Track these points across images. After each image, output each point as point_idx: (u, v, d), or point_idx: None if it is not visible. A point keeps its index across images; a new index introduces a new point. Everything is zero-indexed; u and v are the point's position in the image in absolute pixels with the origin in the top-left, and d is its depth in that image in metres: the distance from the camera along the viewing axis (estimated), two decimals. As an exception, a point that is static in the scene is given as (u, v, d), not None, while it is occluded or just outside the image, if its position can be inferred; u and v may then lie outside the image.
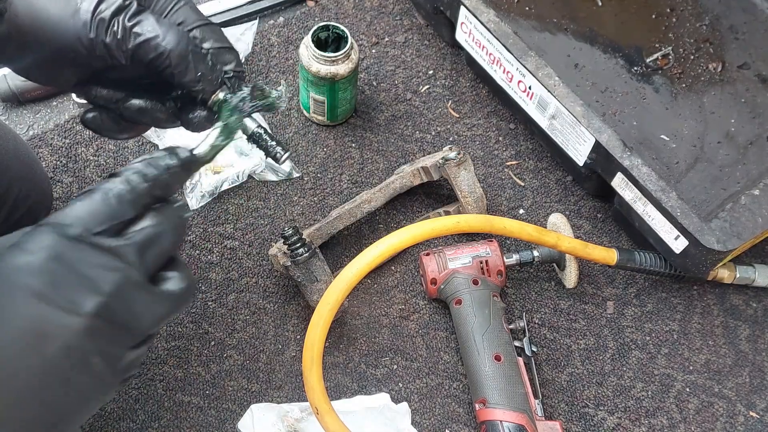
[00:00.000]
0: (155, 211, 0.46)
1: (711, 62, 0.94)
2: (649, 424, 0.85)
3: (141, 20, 0.51)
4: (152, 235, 0.45)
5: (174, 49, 0.51)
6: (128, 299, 0.42)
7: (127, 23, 0.51)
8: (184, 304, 0.46)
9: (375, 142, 1.00)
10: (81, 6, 0.50)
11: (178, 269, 0.47)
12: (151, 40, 0.51)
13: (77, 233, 0.42)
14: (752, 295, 0.94)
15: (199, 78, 0.53)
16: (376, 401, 0.81)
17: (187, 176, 0.50)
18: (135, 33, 0.51)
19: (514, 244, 0.94)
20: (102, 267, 0.41)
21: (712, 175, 0.86)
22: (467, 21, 0.94)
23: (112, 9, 0.50)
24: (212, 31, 0.55)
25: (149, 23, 0.51)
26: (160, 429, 0.81)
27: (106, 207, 0.43)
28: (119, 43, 0.51)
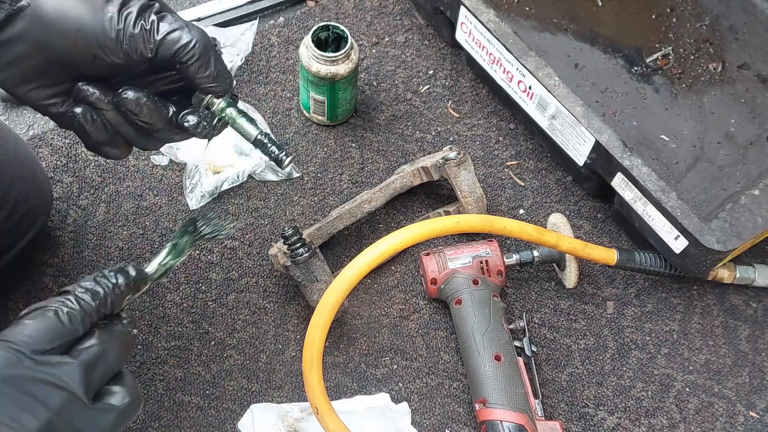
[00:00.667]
0: (103, 329, 0.49)
1: (711, 62, 0.94)
2: (649, 424, 0.85)
3: (166, 15, 0.53)
4: (98, 353, 0.47)
5: (200, 41, 0.52)
6: (72, 417, 0.44)
7: (154, 16, 0.52)
8: (128, 418, 0.48)
9: (375, 142, 1.00)
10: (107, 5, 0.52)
11: (122, 384, 0.49)
12: (177, 30, 0.52)
13: (26, 352, 0.44)
14: (752, 295, 0.94)
15: (216, 75, 0.54)
16: (376, 401, 0.81)
17: (136, 293, 0.52)
18: (162, 24, 0.52)
19: (514, 244, 0.94)
20: (48, 385, 0.44)
21: (712, 175, 0.86)
22: (467, 21, 0.94)
23: (138, 6, 0.52)
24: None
25: (174, 17, 0.53)
26: (160, 429, 0.81)
27: (57, 325, 0.46)
28: (146, 35, 0.52)
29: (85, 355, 0.46)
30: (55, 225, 0.91)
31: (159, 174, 0.96)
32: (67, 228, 0.91)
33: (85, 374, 0.46)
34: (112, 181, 0.95)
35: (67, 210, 0.92)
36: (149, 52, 0.52)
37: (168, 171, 0.96)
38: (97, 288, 0.49)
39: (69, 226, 0.91)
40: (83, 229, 0.91)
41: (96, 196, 0.94)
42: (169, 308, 0.88)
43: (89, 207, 0.93)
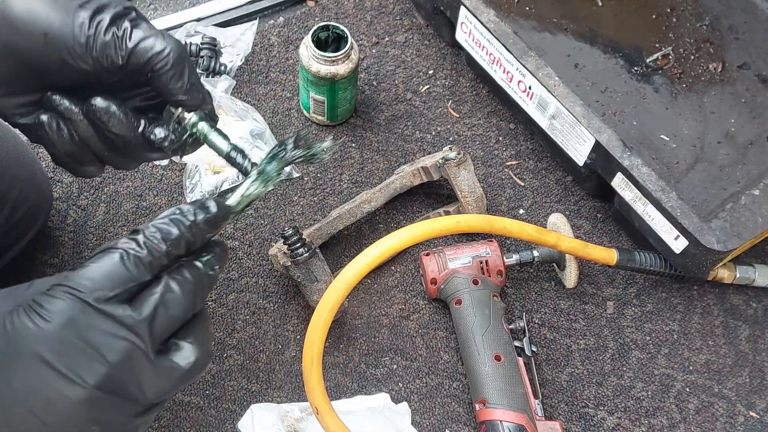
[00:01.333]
0: (173, 275, 0.45)
1: (711, 62, 0.94)
2: (649, 424, 0.85)
3: (141, 23, 0.51)
4: (164, 303, 0.44)
5: (174, 50, 0.51)
6: (133, 371, 0.42)
7: (128, 23, 0.50)
8: (193, 378, 0.46)
9: (375, 142, 1.00)
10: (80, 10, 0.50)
11: (192, 336, 0.46)
12: (151, 38, 0.51)
13: (91, 299, 0.42)
14: (752, 295, 0.94)
15: (189, 87, 0.52)
16: (376, 401, 0.81)
17: (217, 230, 0.48)
18: (136, 32, 0.50)
19: (514, 244, 0.94)
20: (110, 336, 0.42)
21: (712, 175, 0.86)
22: (467, 21, 0.94)
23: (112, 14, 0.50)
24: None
25: (149, 26, 0.51)
26: (160, 429, 0.81)
27: (123, 271, 0.43)
28: (118, 42, 0.50)
29: (148, 306, 0.43)
30: (55, 225, 0.91)
31: (159, 174, 0.96)
32: (67, 228, 0.91)
33: (150, 326, 0.43)
34: (112, 181, 0.95)
35: (67, 210, 0.92)
36: (120, 59, 0.50)
37: (168, 171, 0.96)
38: (170, 228, 0.45)
39: (69, 226, 0.91)
40: (83, 229, 0.91)
41: (96, 196, 0.94)
42: (169, 308, 0.88)
43: (89, 207, 0.93)
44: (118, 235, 0.91)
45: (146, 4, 1.10)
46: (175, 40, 0.52)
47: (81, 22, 0.50)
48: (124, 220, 0.92)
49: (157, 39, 0.51)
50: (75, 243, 0.90)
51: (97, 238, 0.91)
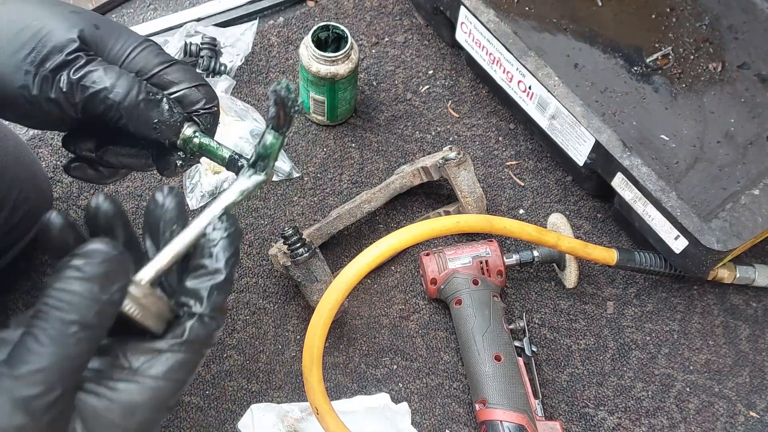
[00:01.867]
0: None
1: (711, 62, 0.94)
2: (649, 424, 0.85)
3: (88, 71, 0.49)
4: None
5: (123, 101, 0.49)
6: None
7: (72, 77, 0.48)
8: None
9: (375, 142, 1.00)
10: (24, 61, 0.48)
11: None
12: (99, 93, 0.49)
13: None
14: (752, 295, 0.94)
15: (155, 126, 0.51)
16: (376, 401, 0.81)
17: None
18: (83, 86, 0.48)
19: (514, 244, 0.94)
20: None
21: (712, 175, 0.86)
22: (467, 21, 0.94)
23: (55, 64, 0.48)
24: (176, 71, 0.53)
25: (97, 74, 0.49)
26: (160, 429, 0.81)
27: None
28: (67, 97, 0.49)
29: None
30: (55, 225, 0.91)
31: (159, 174, 0.95)
32: (67, 228, 0.91)
33: None
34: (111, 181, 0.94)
35: (67, 210, 0.92)
36: (75, 113, 0.49)
37: (168, 171, 0.96)
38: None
39: (69, 226, 0.91)
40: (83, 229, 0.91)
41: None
42: (169, 308, 0.88)
43: (89, 207, 0.93)
44: (118, 235, 0.91)
45: (146, 4, 1.10)
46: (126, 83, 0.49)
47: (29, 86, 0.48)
48: (124, 220, 0.92)
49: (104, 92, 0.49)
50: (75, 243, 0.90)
51: (97, 238, 0.91)
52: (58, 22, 0.50)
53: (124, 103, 0.49)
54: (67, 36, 0.49)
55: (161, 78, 0.52)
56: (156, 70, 0.52)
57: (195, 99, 0.53)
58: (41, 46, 0.49)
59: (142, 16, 1.09)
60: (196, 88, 0.53)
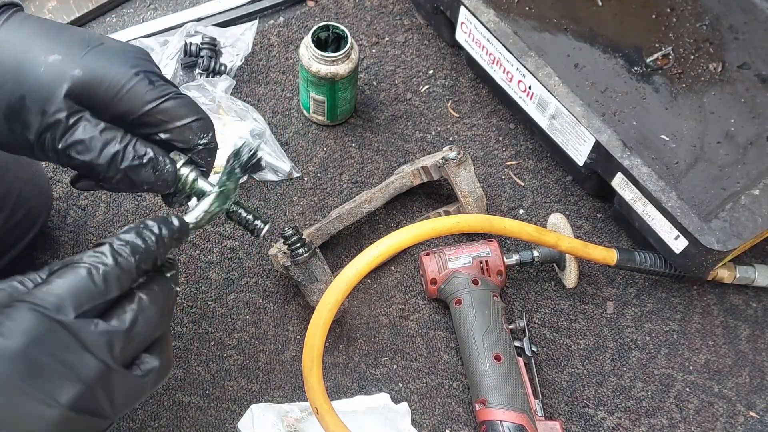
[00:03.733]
0: (143, 291, 0.44)
1: (711, 62, 0.94)
2: (649, 424, 0.85)
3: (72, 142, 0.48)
4: (136, 321, 0.43)
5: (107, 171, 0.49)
6: (105, 389, 0.41)
7: (57, 146, 0.48)
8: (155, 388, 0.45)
9: (375, 142, 1.00)
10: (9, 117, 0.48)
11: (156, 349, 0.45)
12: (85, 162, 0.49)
13: (59, 316, 0.40)
14: (752, 295, 0.94)
15: (144, 186, 0.51)
16: (376, 401, 0.81)
17: (179, 245, 0.48)
18: (68, 156, 0.49)
19: (514, 244, 0.94)
20: (82, 355, 0.40)
21: (712, 175, 0.86)
22: (467, 21, 0.94)
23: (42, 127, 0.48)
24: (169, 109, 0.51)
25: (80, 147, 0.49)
26: (160, 429, 0.81)
27: (91, 286, 0.41)
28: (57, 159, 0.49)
29: (122, 323, 0.42)
30: (55, 225, 0.91)
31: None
32: (67, 228, 0.91)
33: (122, 344, 0.41)
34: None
35: (67, 210, 0.92)
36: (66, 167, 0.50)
37: (168, 171, 0.96)
38: (138, 241, 0.43)
39: (69, 226, 0.91)
40: (83, 229, 0.91)
41: (96, 196, 0.94)
42: (169, 308, 0.88)
43: (89, 207, 0.93)
44: (118, 235, 0.91)
45: (146, 4, 1.10)
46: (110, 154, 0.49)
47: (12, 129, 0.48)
48: (124, 220, 0.92)
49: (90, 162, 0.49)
50: (75, 243, 0.90)
51: (97, 238, 0.91)
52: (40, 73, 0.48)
53: (108, 173, 0.49)
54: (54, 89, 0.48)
55: (151, 117, 0.51)
56: (145, 109, 0.50)
57: (188, 137, 0.52)
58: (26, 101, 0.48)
59: (142, 16, 1.09)
60: (190, 125, 0.52)
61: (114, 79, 0.50)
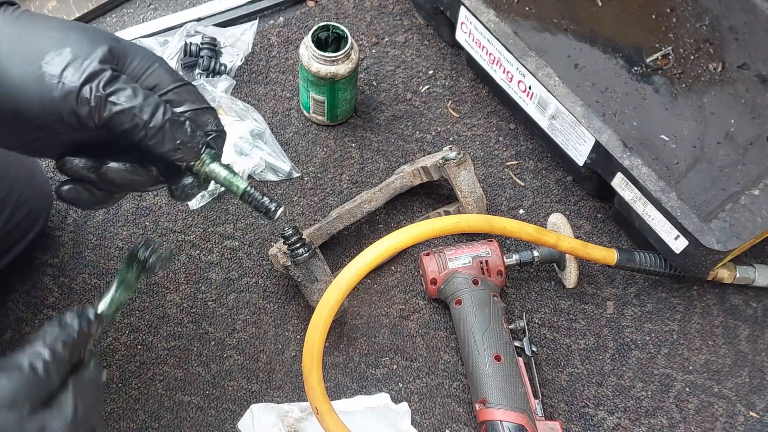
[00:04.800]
0: (77, 380, 0.47)
1: (711, 62, 0.94)
2: (649, 424, 0.85)
3: (117, 89, 0.48)
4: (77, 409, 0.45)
5: (149, 120, 0.49)
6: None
7: (102, 91, 0.47)
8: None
9: (375, 142, 1.00)
10: (46, 69, 0.47)
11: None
12: (126, 111, 0.48)
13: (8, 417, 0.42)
14: (752, 295, 0.94)
15: (178, 146, 0.51)
16: (376, 401, 0.81)
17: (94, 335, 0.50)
18: (111, 102, 0.48)
19: (514, 244, 0.94)
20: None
21: (712, 175, 0.86)
22: (467, 21, 0.94)
23: (84, 75, 0.47)
24: (189, 92, 0.53)
25: (126, 93, 0.48)
26: (160, 429, 0.81)
27: (33, 380, 0.44)
28: (92, 112, 0.48)
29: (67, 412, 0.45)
30: (55, 225, 0.91)
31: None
32: (67, 228, 0.91)
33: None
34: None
35: (67, 210, 0.92)
36: (95, 127, 0.49)
37: (168, 171, 0.96)
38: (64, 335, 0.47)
39: (69, 226, 0.91)
40: (83, 229, 0.91)
41: (96, 196, 0.93)
42: (169, 308, 0.88)
43: (89, 207, 0.93)
44: (117, 235, 0.91)
45: (146, 4, 1.10)
46: (153, 103, 0.49)
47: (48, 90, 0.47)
48: (124, 220, 0.92)
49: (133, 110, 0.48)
50: (75, 243, 0.90)
51: (97, 238, 0.91)
52: (81, 34, 0.49)
53: (150, 124, 0.49)
54: (95, 47, 0.49)
55: (176, 95, 0.52)
56: (170, 87, 0.52)
57: (206, 120, 0.53)
58: (66, 55, 0.48)
59: (142, 16, 1.09)
60: (205, 111, 0.53)
61: (144, 56, 0.52)
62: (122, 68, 0.51)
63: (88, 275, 0.89)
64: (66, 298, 0.87)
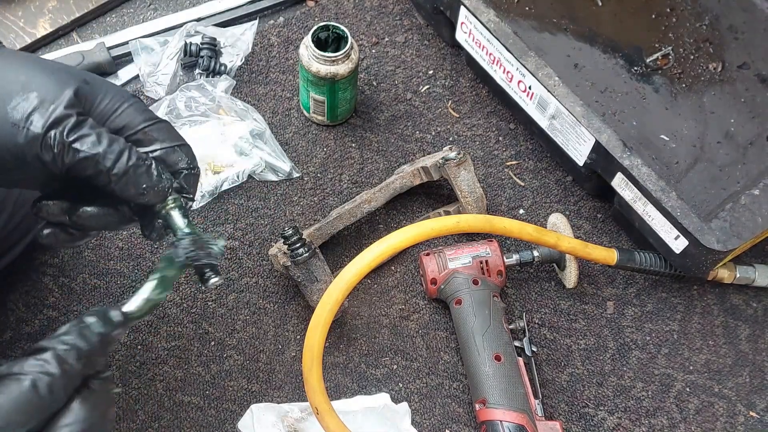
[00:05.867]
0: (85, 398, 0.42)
1: (711, 62, 0.94)
2: (649, 424, 0.85)
3: (80, 135, 0.47)
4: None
5: (113, 167, 0.48)
6: None
7: (66, 138, 0.47)
8: None
9: (375, 142, 1.00)
10: (12, 115, 0.46)
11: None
12: (90, 158, 0.47)
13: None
14: (752, 295, 0.94)
15: (143, 191, 0.50)
16: (376, 401, 0.81)
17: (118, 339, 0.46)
18: (74, 149, 0.47)
19: (514, 244, 0.94)
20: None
21: (712, 175, 0.86)
22: (467, 21, 0.94)
23: (49, 122, 0.46)
24: (159, 130, 0.52)
25: (90, 140, 0.48)
26: (160, 429, 0.81)
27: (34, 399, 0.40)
28: (55, 157, 0.47)
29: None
30: (55, 225, 0.91)
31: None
32: (67, 228, 0.91)
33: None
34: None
35: (67, 210, 0.92)
36: (59, 171, 0.48)
37: (168, 171, 0.96)
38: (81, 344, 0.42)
39: (69, 226, 0.91)
40: (83, 230, 0.91)
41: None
42: (169, 308, 0.88)
43: (89, 207, 0.93)
44: (117, 235, 0.91)
45: (146, 4, 1.10)
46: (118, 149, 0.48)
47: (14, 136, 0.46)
48: (124, 220, 0.92)
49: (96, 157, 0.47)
50: (75, 243, 0.90)
51: (97, 238, 0.91)
52: (48, 77, 0.48)
53: (113, 170, 0.48)
54: (61, 91, 0.48)
55: (145, 135, 0.52)
56: (140, 127, 0.51)
57: (176, 159, 0.53)
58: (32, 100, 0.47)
59: (142, 16, 1.09)
60: (178, 148, 0.53)
61: (115, 95, 0.51)
62: (90, 109, 0.50)
63: (88, 275, 0.89)
64: (66, 298, 0.87)
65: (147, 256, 0.91)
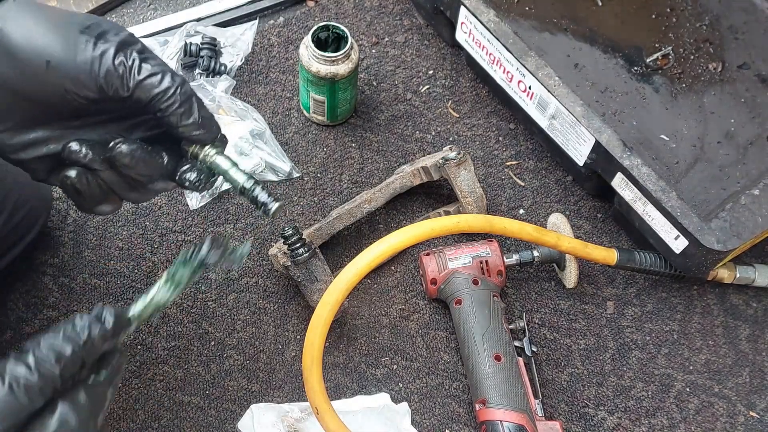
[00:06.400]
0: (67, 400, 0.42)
1: (711, 62, 0.94)
2: (649, 424, 0.85)
3: (148, 56, 0.49)
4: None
5: (181, 87, 0.49)
6: None
7: (136, 55, 0.48)
8: None
9: (375, 142, 1.00)
10: (82, 36, 0.47)
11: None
12: (158, 75, 0.48)
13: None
14: (752, 295, 0.94)
15: (200, 122, 0.50)
16: (376, 401, 0.81)
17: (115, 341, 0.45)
18: (144, 65, 0.48)
19: (514, 244, 0.94)
20: None
21: (712, 175, 0.86)
22: (467, 21, 0.94)
23: (117, 41, 0.48)
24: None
25: (157, 61, 0.49)
26: (160, 429, 0.82)
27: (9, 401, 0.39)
28: (126, 72, 0.48)
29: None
30: (55, 225, 0.91)
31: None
32: (67, 228, 0.91)
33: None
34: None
35: (67, 210, 0.92)
36: (125, 90, 0.48)
37: (168, 171, 0.96)
38: (64, 347, 0.41)
39: (69, 226, 0.91)
40: (83, 229, 0.91)
41: (96, 196, 0.93)
42: (169, 308, 0.88)
43: (89, 207, 0.93)
44: (117, 235, 0.91)
45: (146, 4, 1.10)
46: (182, 77, 0.50)
47: (84, 48, 0.47)
48: (124, 220, 0.92)
49: (164, 76, 0.49)
50: (75, 243, 0.90)
51: (96, 238, 0.91)
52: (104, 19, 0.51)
53: (180, 90, 0.49)
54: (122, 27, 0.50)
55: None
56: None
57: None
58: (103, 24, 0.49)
59: (142, 16, 1.09)
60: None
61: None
62: None
63: (88, 275, 0.89)
64: (66, 298, 0.87)
65: (147, 256, 0.91)
